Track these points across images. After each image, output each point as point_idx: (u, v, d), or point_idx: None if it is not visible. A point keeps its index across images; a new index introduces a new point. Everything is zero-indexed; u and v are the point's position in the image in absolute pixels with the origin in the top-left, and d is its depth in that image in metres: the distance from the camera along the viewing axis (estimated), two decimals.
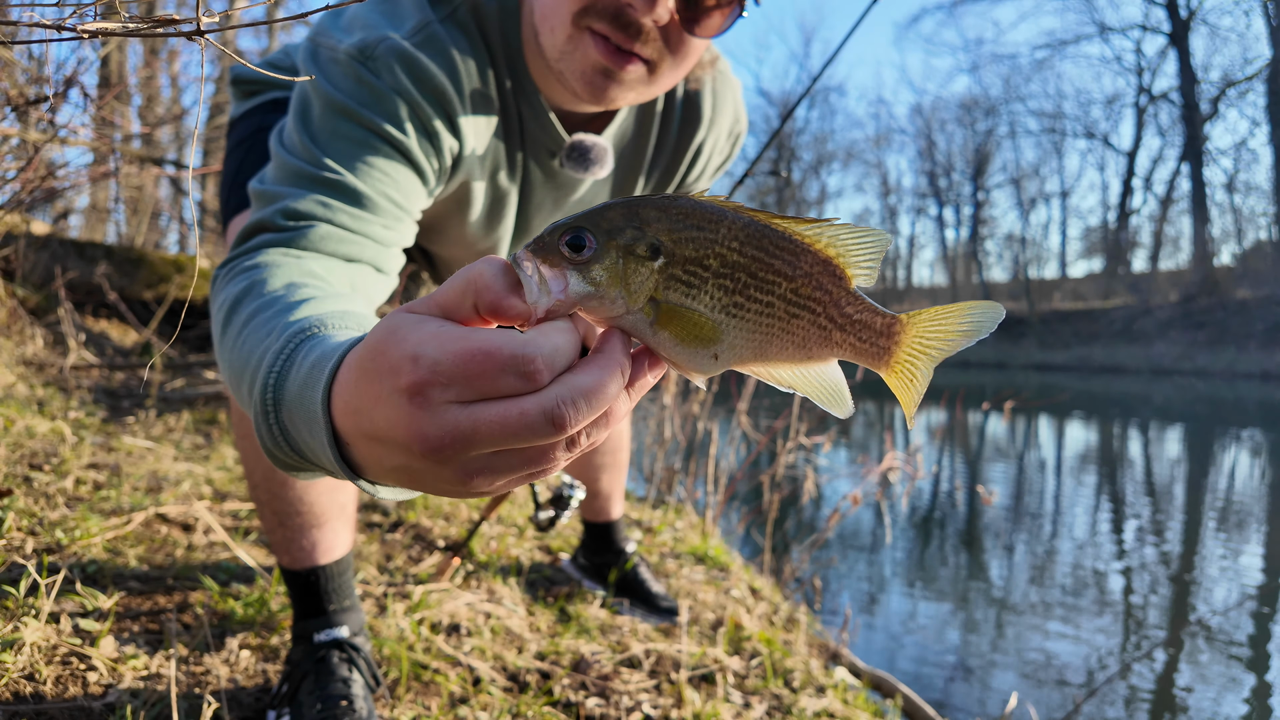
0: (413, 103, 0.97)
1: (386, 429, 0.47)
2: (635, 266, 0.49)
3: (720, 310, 0.50)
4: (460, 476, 0.47)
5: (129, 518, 1.67)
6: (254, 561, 1.57)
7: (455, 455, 0.46)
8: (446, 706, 1.26)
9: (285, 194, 0.92)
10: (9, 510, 1.44)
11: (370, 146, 0.95)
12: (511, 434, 0.44)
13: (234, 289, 0.79)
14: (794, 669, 1.62)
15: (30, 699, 1.05)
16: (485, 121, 1.09)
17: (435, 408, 0.45)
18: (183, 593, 1.44)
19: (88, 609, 1.27)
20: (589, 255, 0.48)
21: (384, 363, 0.46)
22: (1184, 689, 2.44)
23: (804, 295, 0.52)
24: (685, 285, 0.50)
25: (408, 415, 0.45)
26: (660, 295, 0.49)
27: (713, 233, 0.50)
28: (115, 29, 0.55)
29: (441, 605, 1.55)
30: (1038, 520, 4.79)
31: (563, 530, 2.22)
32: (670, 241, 0.49)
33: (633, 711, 1.35)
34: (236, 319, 0.74)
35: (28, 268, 3.96)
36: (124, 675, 1.15)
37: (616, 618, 1.70)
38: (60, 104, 1.35)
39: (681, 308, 0.50)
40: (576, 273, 0.48)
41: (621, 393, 0.48)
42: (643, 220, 0.49)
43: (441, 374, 0.44)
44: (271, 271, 0.79)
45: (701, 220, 0.50)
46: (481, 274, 0.47)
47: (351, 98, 0.94)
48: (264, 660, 1.28)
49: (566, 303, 0.48)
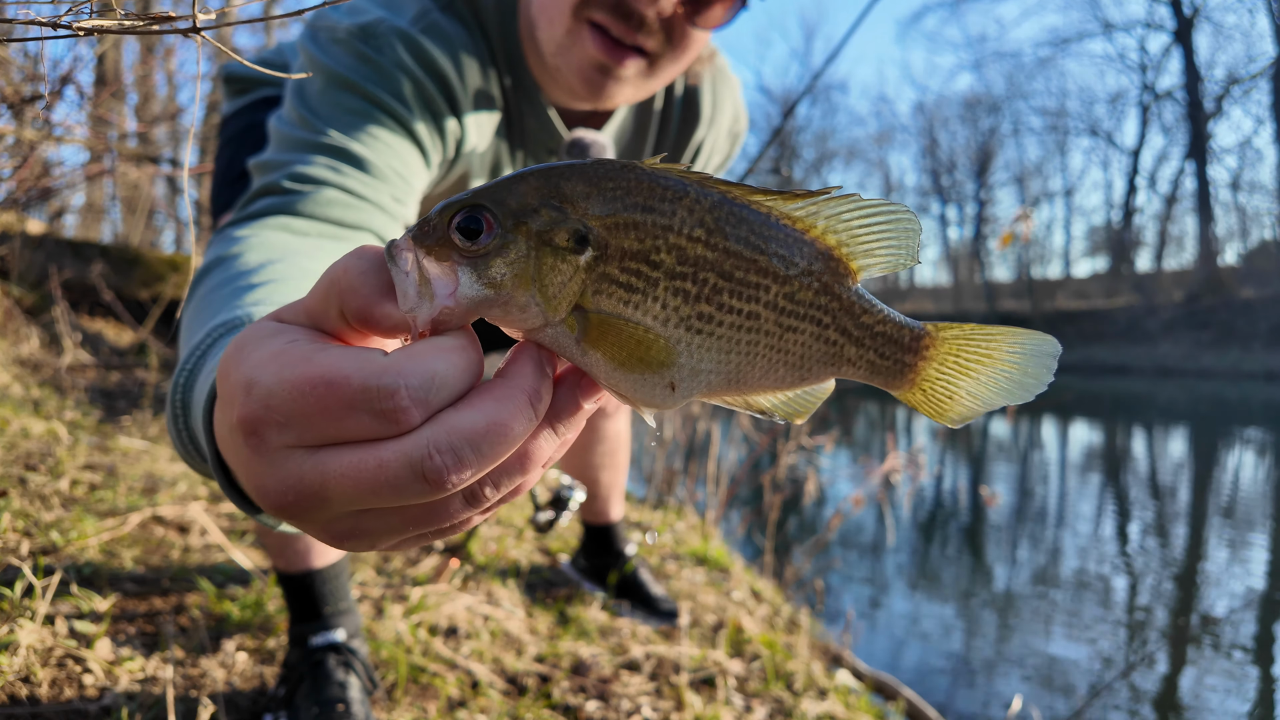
0: (416, 81, 0.94)
1: (237, 469, 0.38)
2: (554, 262, 0.35)
3: (678, 324, 0.37)
4: (327, 538, 0.37)
5: (125, 519, 1.67)
6: (250, 563, 1.57)
7: (306, 514, 0.35)
8: (444, 710, 1.25)
9: (291, 160, 0.87)
10: (4, 511, 1.44)
11: (373, 118, 0.91)
12: (369, 491, 0.33)
13: (206, 259, 0.73)
14: (795, 672, 1.61)
15: (26, 701, 1.04)
16: (486, 116, 1.07)
17: (273, 453, 0.34)
18: (179, 595, 1.43)
19: (83, 611, 1.26)
20: (488, 243, 0.35)
21: (224, 387, 0.36)
22: (1188, 690, 2.42)
23: (803, 302, 0.39)
24: (625, 289, 0.36)
25: (246, 459, 0.36)
26: (589, 303, 0.36)
27: (666, 216, 0.36)
28: (111, 26, 0.54)
29: (439, 608, 1.54)
30: (1041, 522, 4.77)
31: (562, 532, 2.21)
32: (603, 227, 0.35)
33: (633, 715, 1.33)
34: (195, 295, 0.67)
35: (23, 267, 3.96)
36: (120, 677, 1.14)
37: (616, 620, 1.69)
38: (56, 102, 1.35)
39: (619, 320, 0.36)
40: (470, 269, 0.35)
41: (540, 431, 0.36)
42: (565, 197, 0.36)
43: (276, 410, 0.33)
44: (249, 244, 0.72)
45: (649, 197, 0.36)
46: (346, 270, 0.35)
47: (353, 72, 0.91)
48: (260, 663, 1.27)
49: (457, 311, 0.35)
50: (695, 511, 2.91)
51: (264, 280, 0.62)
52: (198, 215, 7.08)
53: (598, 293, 0.36)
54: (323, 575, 1.18)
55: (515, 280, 0.35)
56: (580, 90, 1.02)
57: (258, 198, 0.85)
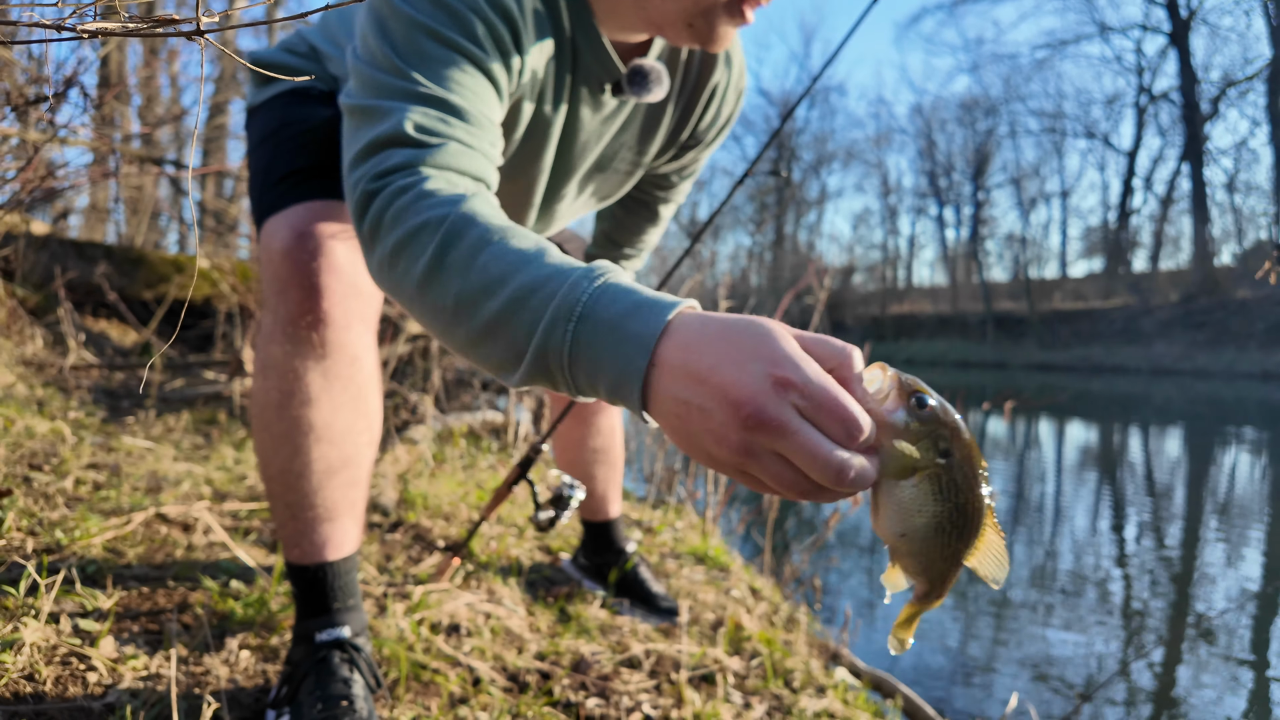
0: (488, 22, 0.95)
1: (720, 379, 0.55)
2: (929, 453, 0.58)
3: (939, 530, 0.59)
4: (740, 447, 0.55)
5: (129, 518, 1.67)
6: (253, 561, 1.57)
7: (762, 436, 0.54)
8: (446, 707, 1.26)
9: (397, 108, 0.87)
10: (9, 510, 1.45)
11: (459, 65, 0.92)
12: (808, 456, 0.53)
13: (435, 211, 0.77)
14: (794, 669, 1.62)
15: (30, 699, 1.05)
16: (543, 46, 1.06)
17: (785, 400, 0.53)
18: (183, 593, 1.44)
19: (87, 609, 1.27)
20: (919, 416, 0.57)
21: (764, 348, 0.55)
22: (1185, 689, 2.44)
23: None
24: (936, 491, 0.58)
25: (759, 387, 0.53)
26: (918, 481, 0.59)
27: (977, 484, 0.59)
28: (115, 29, 0.55)
29: (441, 605, 1.55)
30: (1038, 520, 4.79)
31: (563, 531, 2.22)
32: (960, 460, 0.58)
33: (633, 712, 1.34)
34: (465, 238, 0.74)
35: (27, 267, 3.96)
36: (124, 675, 1.14)
37: (616, 618, 1.70)
38: (60, 104, 1.35)
39: (921, 500, 0.58)
40: (905, 413, 0.57)
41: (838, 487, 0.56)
42: (959, 436, 0.58)
43: (808, 390, 0.53)
44: (470, 200, 0.79)
45: (976, 470, 0.59)
46: (850, 354, 0.58)
47: (431, 18, 0.91)
48: (264, 660, 1.28)
49: (883, 425, 0.57)
50: (695, 510, 2.92)
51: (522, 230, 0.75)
52: (201, 216, 7.09)
53: (927, 480, 0.58)
54: (335, 569, 1.18)
55: (913, 437, 0.57)
56: (703, 33, 1.03)
57: (387, 147, 0.86)
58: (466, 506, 2.32)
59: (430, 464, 2.73)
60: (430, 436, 3.16)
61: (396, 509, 2.18)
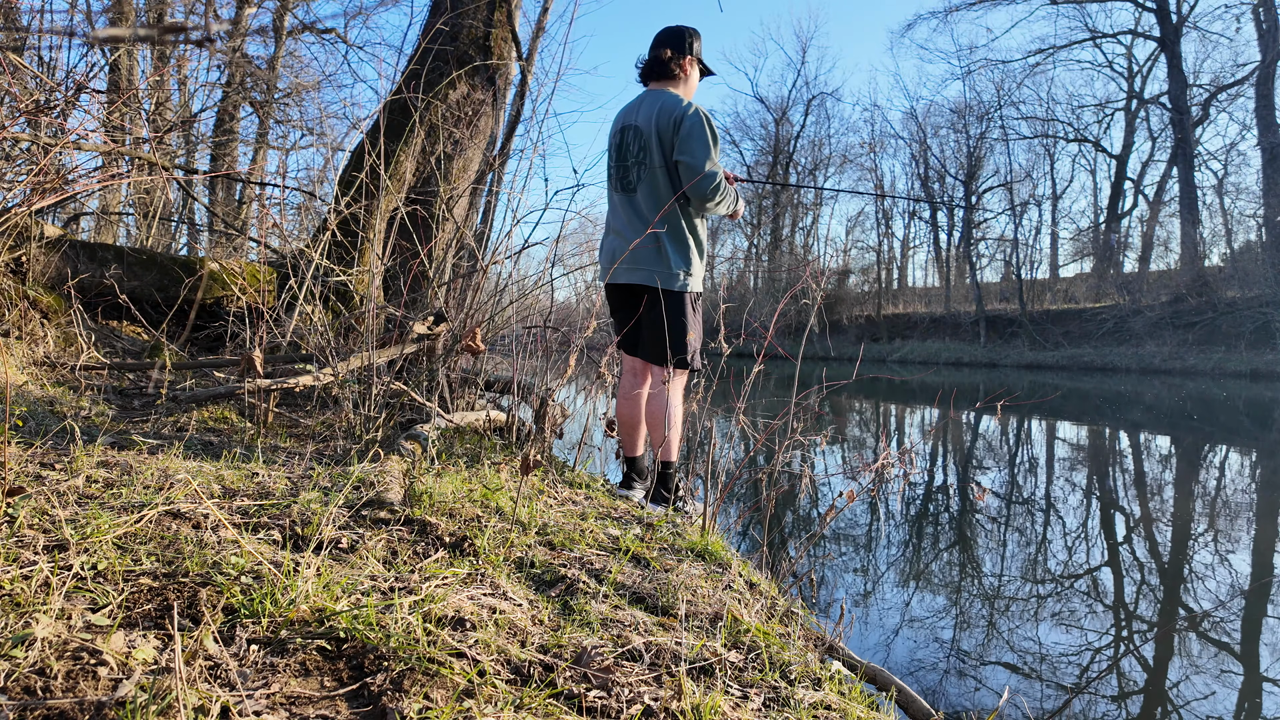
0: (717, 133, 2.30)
1: None
2: None
3: None
4: None
5: (139, 515, 1.69)
6: (262, 557, 1.60)
7: None
8: (452, 698, 1.28)
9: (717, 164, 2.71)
10: (21, 507, 1.47)
11: None
12: None
13: None
14: (791, 662, 1.66)
15: (41, 693, 1.07)
16: None
17: None
18: (193, 588, 1.46)
19: (98, 605, 1.29)
20: None
21: None
22: (1175, 682, 2.49)
23: None
24: None
25: None
26: None
27: None
28: (125, 36, 0.57)
29: (447, 599, 1.58)
30: (1029, 517, 4.85)
31: (564, 526, 2.25)
32: None
33: (633, 703, 1.37)
34: (730, 194, 2.79)
35: (39, 269, 3.97)
36: (134, 670, 1.16)
37: (617, 613, 1.74)
38: (71, 109, 1.37)
39: None
40: None
41: None
42: None
43: None
44: None
45: None
46: None
47: (711, 130, 2.71)
48: (272, 655, 1.30)
49: None
50: (694, 506, 2.95)
51: None
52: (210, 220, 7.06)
53: None
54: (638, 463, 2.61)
55: None
56: None
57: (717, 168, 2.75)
58: (470, 503, 2.34)
59: (436, 462, 2.76)
60: (435, 435, 3.19)
61: (402, 505, 2.20)
